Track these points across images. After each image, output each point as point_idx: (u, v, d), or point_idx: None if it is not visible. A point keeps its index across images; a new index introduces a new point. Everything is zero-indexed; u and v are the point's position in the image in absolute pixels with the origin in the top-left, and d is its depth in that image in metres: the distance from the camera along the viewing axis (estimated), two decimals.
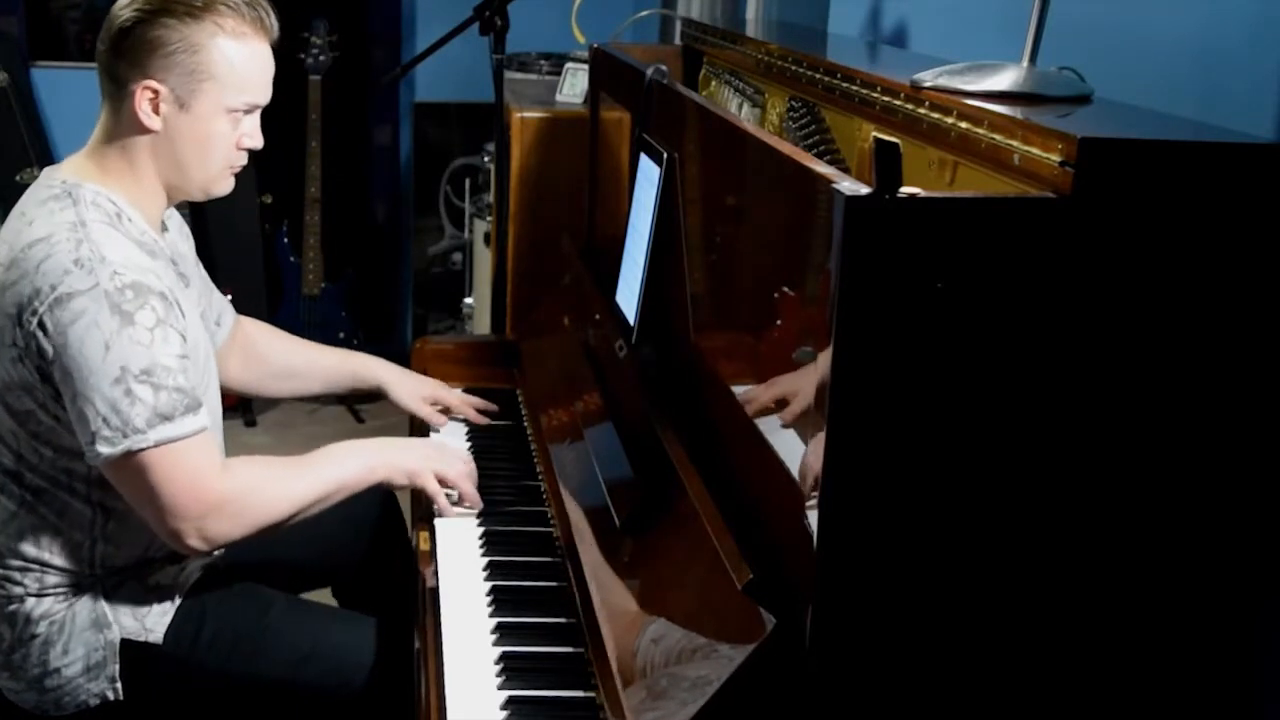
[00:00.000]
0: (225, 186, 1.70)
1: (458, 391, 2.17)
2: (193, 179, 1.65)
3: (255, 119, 1.68)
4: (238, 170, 1.69)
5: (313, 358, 2.13)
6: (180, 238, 1.83)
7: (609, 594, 1.45)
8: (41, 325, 1.50)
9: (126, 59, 1.58)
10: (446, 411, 2.14)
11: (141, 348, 1.50)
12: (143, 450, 1.51)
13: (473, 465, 1.83)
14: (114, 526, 1.65)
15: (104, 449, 1.50)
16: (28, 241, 1.55)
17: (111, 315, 1.49)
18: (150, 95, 1.58)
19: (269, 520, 1.62)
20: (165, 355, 1.52)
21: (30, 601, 1.65)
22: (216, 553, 1.81)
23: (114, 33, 1.59)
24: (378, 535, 2.05)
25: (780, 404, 1.22)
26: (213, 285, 1.96)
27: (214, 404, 1.76)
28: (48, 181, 1.63)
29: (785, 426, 1.20)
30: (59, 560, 1.64)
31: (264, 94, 1.67)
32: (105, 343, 1.49)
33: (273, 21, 1.66)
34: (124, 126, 1.61)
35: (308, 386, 2.15)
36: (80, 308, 1.49)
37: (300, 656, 1.69)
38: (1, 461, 1.64)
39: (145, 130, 1.60)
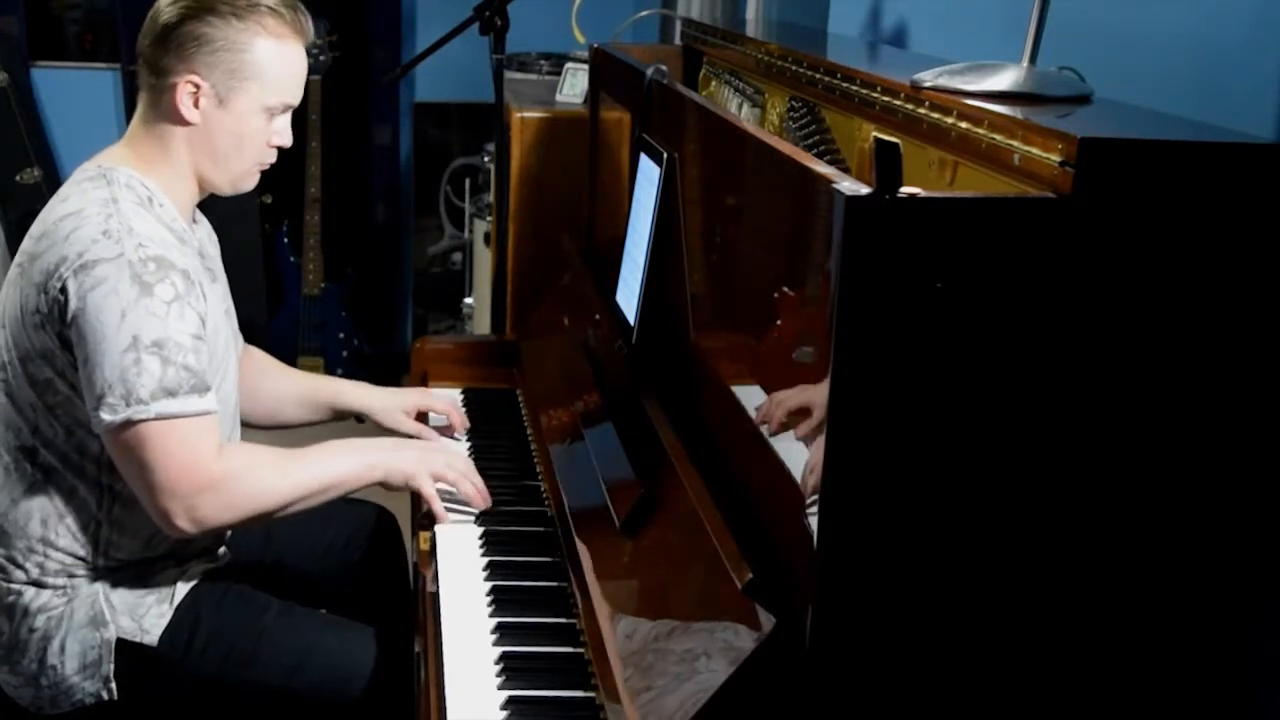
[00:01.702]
0: (252, 183, 1.75)
1: (441, 394, 2.17)
2: (224, 173, 1.70)
3: (287, 119, 1.72)
4: (266, 167, 1.74)
5: (287, 387, 2.08)
6: (209, 241, 1.87)
7: (609, 594, 1.45)
8: (64, 289, 1.54)
9: (172, 53, 1.62)
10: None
11: (156, 319, 1.53)
12: (142, 421, 1.52)
13: (471, 466, 1.82)
14: (120, 511, 1.66)
15: (106, 415, 1.52)
16: (60, 215, 1.60)
17: (131, 284, 1.52)
18: (192, 89, 1.63)
19: (260, 508, 1.62)
20: (179, 331, 1.54)
21: (30, 592, 1.66)
22: (222, 551, 1.82)
23: (159, 27, 1.63)
24: (374, 549, 2.05)
25: (780, 406, 1.22)
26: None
27: (228, 396, 1.76)
28: (85, 167, 1.68)
29: (785, 427, 1.20)
30: (64, 542, 1.65)
31: (298, 94, 1.72)
32: (122, 310, 1.52)
33: (309, 24, 1.71)
34: (162, 117, 1.66)
35: (288, 416, 2.10)
36: (102, 274, 1.52)
37: (295, 663, 1.69)
38: (19, 437, 1.65)
39: (184, 122, 1.65)
